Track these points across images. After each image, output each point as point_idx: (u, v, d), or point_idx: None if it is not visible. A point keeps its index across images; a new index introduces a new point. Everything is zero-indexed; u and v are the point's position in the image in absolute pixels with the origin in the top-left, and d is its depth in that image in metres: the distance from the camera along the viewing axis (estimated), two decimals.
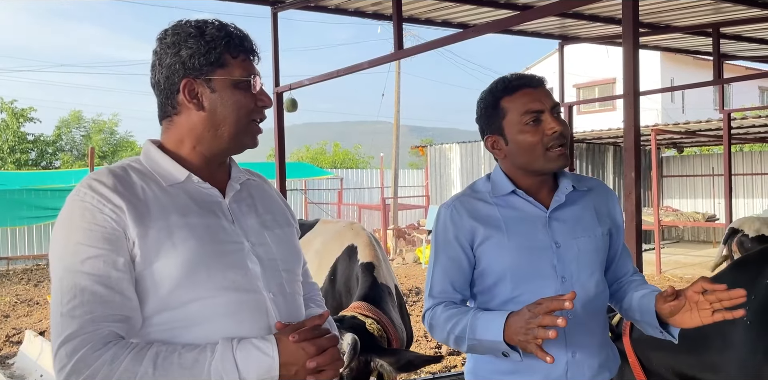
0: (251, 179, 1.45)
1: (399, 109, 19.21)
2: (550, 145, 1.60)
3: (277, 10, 5.68)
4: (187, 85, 1.26)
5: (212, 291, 1.21)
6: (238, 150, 1.34)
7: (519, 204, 1.67)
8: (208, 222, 1.26)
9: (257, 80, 1.30)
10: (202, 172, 1.31)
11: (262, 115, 1.34)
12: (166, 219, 1.21)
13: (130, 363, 1.10)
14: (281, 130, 5.82)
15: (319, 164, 25.87)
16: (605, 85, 22.80)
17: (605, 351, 1.71)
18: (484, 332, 1.50)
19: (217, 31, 1.26)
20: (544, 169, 1.63)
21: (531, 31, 7.12)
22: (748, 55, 8.31)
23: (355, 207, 17.62)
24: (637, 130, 3.02)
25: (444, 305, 1.64)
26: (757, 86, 24.89)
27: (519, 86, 1.63)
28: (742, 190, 15.19)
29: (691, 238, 15.85)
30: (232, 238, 1.27)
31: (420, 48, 4.48)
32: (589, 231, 1.68)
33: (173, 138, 1.31)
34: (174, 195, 1.26)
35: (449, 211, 1.69)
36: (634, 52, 3.04)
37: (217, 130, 1.28)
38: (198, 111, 1.27)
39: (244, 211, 1.35)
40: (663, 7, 5.97)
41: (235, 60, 1.28)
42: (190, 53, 1.24)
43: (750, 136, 12.95)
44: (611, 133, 12.56)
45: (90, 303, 1.13)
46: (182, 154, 1.31)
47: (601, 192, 1.76)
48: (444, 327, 1.60)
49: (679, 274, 10.35)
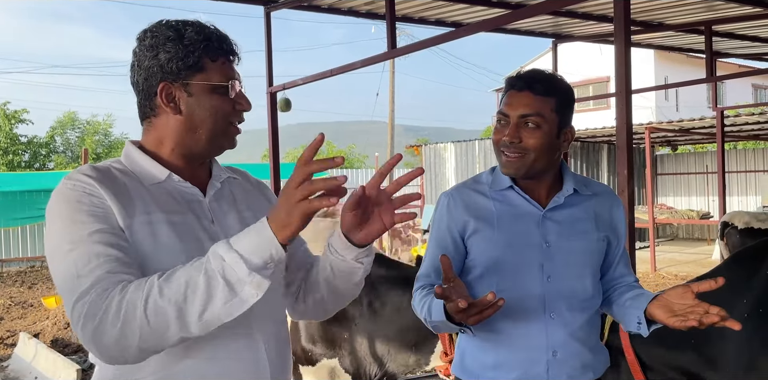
0: (232, 177, 1.44)
1: (393, 108, 19.22)
2: (501, 149, 1.64)
3: (270, 9, 5.67)
4: (165, 89, 1.25)
5: None
6: (216, 152, 1.35)
7: (515, 200, 1.68)
8: (188, 220, 1.26)
9: (236, 84, 1.29)
10: (183, 172, 1.31)
11: (240, 118, 1.33)
12: (149, 214, 1.21)
13: (136, 283, 1.09)
14: (275, 130, 5.82)
15: None
16: (599, 84, 22.86)
17: (591, 353, 1.71)
18: (436, 314, 1.53)
19: (196, 34, 1.25)
20: (502, 170, 1.68)
21: (524, 29, 7.13)
22: (740, 52, 8.34)
23: None
24: (629, 129, 3.03)
25: (422, 288, 1.67)
26: (750, 84, 24.99)
27: (511, 86, 1.65)
28: (736, 187, 15.25)
29: (685, 236, 15.90)
30: (211, 237, 1.26)
31: (413, 47, 4.48)
32: (583, 235, 1.67)
33: (153, 139, 1.31)
34: (156, 193, 1.26)
35: (447, 200, 1.73)
36: (626, 50, 3.04)
37: (195, 133, 1.28)
38: (175, 114, 1.27)
39: (225, 210, 1.35)
40: (655, 5, 5.99)
41: (214, 63, 1.27)
42: (168, 57, 1.24)
43: (743, 134, 13.00)
44: (605, 131, 12.58)
45: (108, 262, 1.12)
46: (162, 155, 1.31)
47: (607, 198, 1.75)
48: (418, 309, 1.64)
49: (674, 272, 10.38)
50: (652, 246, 11.04)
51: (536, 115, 1.60)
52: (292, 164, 18.71)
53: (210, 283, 1.05)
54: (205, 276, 1.05)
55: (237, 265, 1.05)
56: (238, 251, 1.06)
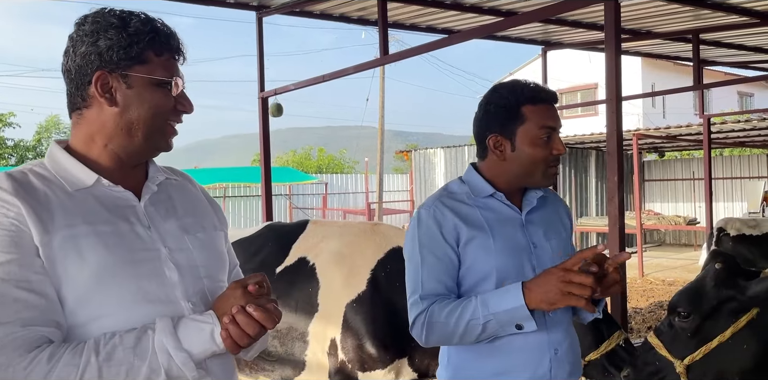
0: (172, 179, 1.34)
1: (383, 113, 19.26)
2: (552, 164, 1.68)
3: (262, 15, 5.68)
4: (101, 78, 1.17)
5: (124, 305, 1.12)
6: (152, 152, 1.26)
7: (496, 207, 1.71)
8: (119, 228, 1.16)
9: (179, 82, 1.22)
10: (115, 174, 1.21)
11: (179, 119, 1.26)
12: (72, 227, 1.11)
13: (69, 356, 1.03)
14: (266, 135, 5.82)
15: (305, 169, 25.87)
16: (587, 90, 23.03)
17: (577, 349, 1.77)
18: (499, 303, 1.51)
19: (143, 24, 1.18)
20: (536, 183, 1.70)
21: (514, 36, 7.19)
22: (727, 60, 8.45)
23: (340, 211, 17.61)
24: (619, 135, 3.06)
25: (438, 302, 1.60)
26: (736, 91, 25.29)
27: (544, 99, 1.68)
28: (722, 193, 15.40)
29: (672, 241, 16.02)
30: (146, 245, 1.18)
31: (405, 53, 4.51)
32: (557, 234, 1.76)
33: (83, 134, 1.21)
34: (81, 200, 1.16)
35: (431, 212, 1.67)
36: (617, 57, 3.08)
37: (130, 129, 1.19)
38: (110, 106, 1.18)
39: (162, 215, 1.25)
40: (644, 14, 6.06)
41: (159, 58, 1.20)
42: (108, 45, 1.15)
43: (729, 141, 13.14)
44: (593, 137, 12.67)
45: (14, 308, 1.04)
46: (92, 155, 1.21)
47: (555, 198, 1.85)
48: (448, 320, 1.56)
49: (661, 277, 10.46)
50: (640, 251, 11.12)
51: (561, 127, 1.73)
52: (281, 168, 18.70)
53: (151, 378, 1.07)
54: (148, 369, 1.06)
55: (186, 366, 1.09)
56: (189, 351, 1.09)
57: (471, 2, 5.61)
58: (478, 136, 1.73)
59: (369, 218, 15.41)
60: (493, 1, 5.55)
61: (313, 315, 3.00)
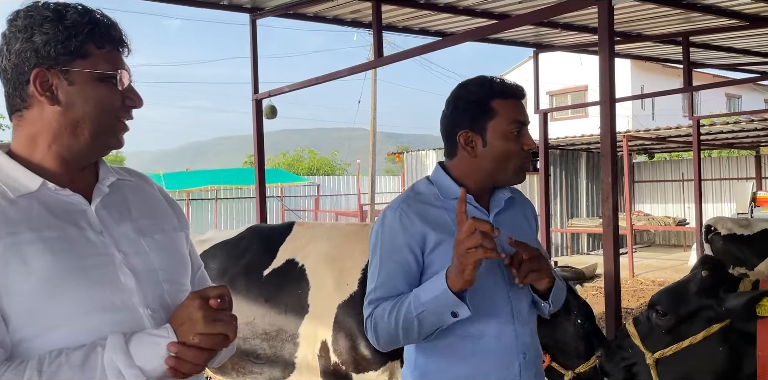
0: (125, 179, 1.26)
1: (375, 115, 19.28)
2: (524, 160, 1.63)
3: (256, 17, 5.70)
4: (39, 76, 1.09)
5: (76, 315, 1.05)
6: (101, 151, 1.19)
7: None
8: (68, 234, 1.09)
9: (125, 75, 1.15)
10: (62, 177, 1.14)
11: (129, 115, 1.19)
12: (14, 235, 1.03)
13: (9, 377, 0.96)
14: (260, 137, 5.83)
15: (297, 171, 25.84)
16: (577, 92, 23.18)
17: (540, 351, 1.74)
18: (426, 293, 1.48)
19: (80, 16, 1.10)
20: (507, 180, 1.66)
21: (507, 39, 7.23)
22: (716, 63, 8.54)
23: (332, 213, 17.61)
24: (613, 136, 3.10)
25: (381, 305, 1.58)
26: (724, 93, 25.54)
27: (513, 94, 1.64)
28: (711, 194, 15.53)
29: (662, 242, 16.13)
30: (98, 250, 1.11)
31: (400, 55, 4.54)
32: (525, 236, 1.70)
33: (25, 136, 1.13)
34: (25, 207, 1.08)
35: (397, 215, 1.61)
36: (610, 60, 3.12)
37: (75, 127, 1.12)
38: (52, 105, 1.10)
39: (116, 218, 1.18)
40: (635, 17, 6.12)
41: (101, 51, 1.12)
42: (45, 40, 1.08)
43: (718, 142, 13.26)
44: (584, 139, 12.75)
45: None
46: (35, 158, 1.13)
47: (522, 199, 1.80)
48: (389, 319, 1.54)
49: (651, 277, 10.53)
50: (630, 252, 11.20)
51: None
52: (273, 170, 18.67)
53: None
54: None
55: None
56: (141, 368, 1.02)
57: (464, 5, 5.65)
58: (446, 134, 1.69)
59: (361, 220, 15.42)
60: (485, 3, 5.59)
61: (304, 316, 2.97)
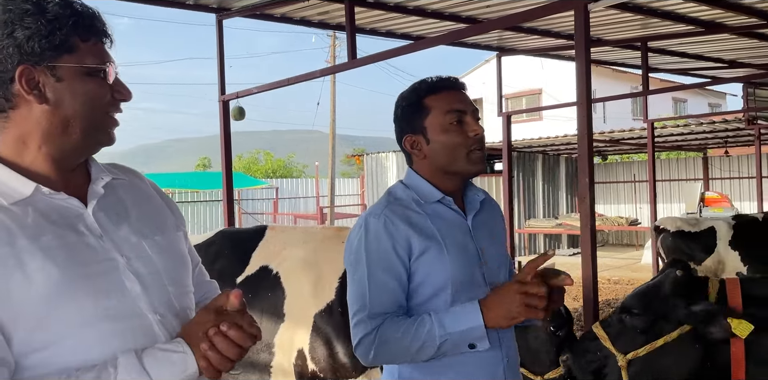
0: (119, 178, 1.21)
1: (335, 118, 19.25)
2: (472, 147, 1.59)
3: (222, 17, 5.62)
4: (25, 74, 1.04)
5: (83, 326, 1.01)
6: (92, 149, 1.15)
7: (444, 212, 1.63)
8: (67, 241, 1.04)
9: (112, 68, 1.11)
10: (55, 181, 1.09)
11: (118, 109, 1.15)
12: (12, 245, 0.99)
13: None
14: (228, 139, 5.75)
15: (253, 173, 25.56)
16: (532, 96, 23.64)
17: (517, 354, 1.74)
18: (455, 323, 1.45)
19: (62, 8, 1.05)
20: (465, 171, 1.62)
21: (471, 42, 7.32)
22: (669, 67, 8.84)
23: (291, 216, 17.49)
24: (590, 137, 3.19)
25: (389, 320, 1.51)
26: (671, 97, 26.46)
27: (444, 86, 1.63)
28: (662, 195, 16.06)
29: (615, 242, 16.60)
30: (100, 256, 1.07)
31: (373, 58, 4.55)
32: (500, 238, 1.71)
33: (12, 139, 1.08)
34: (20, 215, 1.03)
35: (382, 221, 1.55)
36: (587, 63, 3.21)
37: (66, 126, 1.08)
38: (40, 104, 1.05)
39: (114, 220, 1.13)
40: (595, 22, 6.29)
41: (86, 44, 1.08)
42: (27, 35, 1.02)
43: (668, 144, 13.74)
44: (541, 141, 13.03)
45: None
46: (25, 162, 1.08)
47: (492, 202, 1.79)
48: (402, 340, 1.48)
49: (607, 276, 10.82)
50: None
51: (478, 111, 1.65)
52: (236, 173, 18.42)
53: None
54: None
55: None
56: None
57: (433, 8, 5.70)
58: (399, 144, 1.68)
59: (321, 222, 15.37)
60: (454, 7, 5.65)
61: (280, 325, 2.91)
